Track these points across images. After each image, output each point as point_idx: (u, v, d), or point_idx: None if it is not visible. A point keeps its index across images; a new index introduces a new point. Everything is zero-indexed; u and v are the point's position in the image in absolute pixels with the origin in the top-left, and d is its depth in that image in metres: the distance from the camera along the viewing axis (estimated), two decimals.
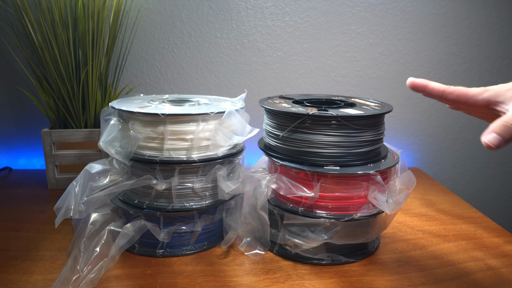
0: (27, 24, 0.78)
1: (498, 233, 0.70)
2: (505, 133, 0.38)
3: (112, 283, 0.53)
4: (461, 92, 0.44)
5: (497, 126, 0.38)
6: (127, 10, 0.92)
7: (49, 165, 0.84)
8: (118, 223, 0.60)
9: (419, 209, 0.81)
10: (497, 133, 0.38)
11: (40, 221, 0.70)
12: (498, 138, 0.38)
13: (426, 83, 0.46)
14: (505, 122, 0.38)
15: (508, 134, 0.38)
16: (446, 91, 0.45)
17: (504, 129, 0.38)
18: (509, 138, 0.38)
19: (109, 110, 0.65)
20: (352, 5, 0.97)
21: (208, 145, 0.59)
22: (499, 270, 0.58)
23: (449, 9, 1.00)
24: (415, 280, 0.55)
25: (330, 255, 0.59)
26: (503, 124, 0.38)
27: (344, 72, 1.02)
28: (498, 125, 0.38)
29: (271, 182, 0.59)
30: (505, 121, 0.38)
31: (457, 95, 0.44)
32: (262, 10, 0.96)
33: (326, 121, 0.55)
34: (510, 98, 0.40)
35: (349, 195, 0.56)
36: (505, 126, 0.38)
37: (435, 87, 0.45)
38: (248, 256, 0.60)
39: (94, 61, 0.81)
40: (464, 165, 1.13)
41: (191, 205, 0.59)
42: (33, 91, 0.93)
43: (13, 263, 0.57)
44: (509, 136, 0.38)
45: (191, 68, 0.99)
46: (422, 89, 0.47)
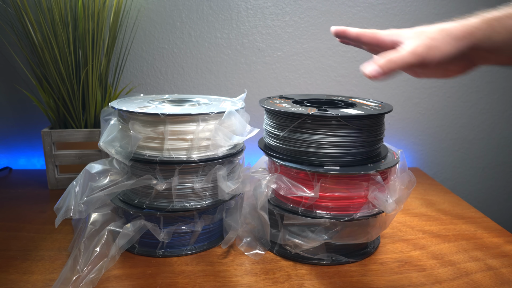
0: (27, 24, 0.78)
1: (498, 233, 0.70)
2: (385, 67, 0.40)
3: (112, 283, 0.53)
4: (373, 34, 0.46)
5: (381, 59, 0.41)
6: (127, 10, 0.92)
7: (49, 165, 0.84)
8: (118, 223, 0.60)
9: (419, 209, 0.81)
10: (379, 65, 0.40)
11: (40, 221, 0.70)
12: (378, 70, 0.40)
13: (344, 28, 0.49)
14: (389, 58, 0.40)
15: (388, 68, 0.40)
16: (361, 33, 0.47)
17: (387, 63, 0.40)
18: (388, 72, 0.40)
19: (109, 110, 0.65)
20: (352, 5, 0.97)
21: (208, 145, 0.59)
22: (499, 270, 0.58)
23: (449, 9, 0.99)
24: (415, 280, 0.55)
25: (330, 255, 0.59)
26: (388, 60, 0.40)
27: (344, 72, 1.02)
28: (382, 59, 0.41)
29: (271, 182, 0.59)
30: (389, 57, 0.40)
31: (369, 36, 0.46)
32: (262, 10, 0.96)
33: (326, 121, 0.55)
34: (408, 37, 0.42)
35: (349, 195, 0.56)
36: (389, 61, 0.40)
37: (352, 31, 0.48)
38: (248, 256, 0.60)
39: (94, 61, 0.81)
40: (464, 165, 1.13)
41: (191, 205, 0.59)
42: (33, 91, 0.93)
43: (13, 263, 0.57)
44: (388, 70, 0.40)
45: (191, 68, 0.99)
46: (342, 34, 0.49)
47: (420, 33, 0.42)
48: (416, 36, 0.41)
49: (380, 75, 0.40)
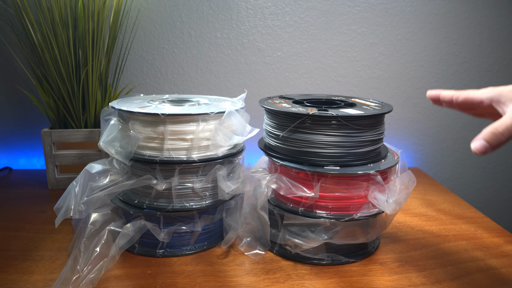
0: (27, 24, 0.78)
1: (498, 233, 0.70)
2: (492, 140, 0.39)
3: (112, 283, 0.53)
4: (467, 95, 0.45)
5: (487, 133, 0.39)
6: (127, 10, 0.92)
7: (49, 165, 0.84)
8: (118, 223, 0.60)
9: (419, 209, 0.81)
10: (486, 140, 0.39)
11: (40, 221, 0.70)
12: (485, 145, 0.39)
13: (439, 92, 0.48)
14: (494, 130, 0.39)
15: (495, 141, 0.38)
16: (455, 95, 0.46)
17: (492, 136, 0.39)
18: (496, 145, 0.39)
19: (109, 110, 0.65)
20: (352, 5, 0.97)
21: (208, 145, 0.59)
22: (499, 270, 0.58)
23: (449, 9, 1.00)
24: (415, 280, 0.55)
25: (330, 255, 0.59)
26: (491, 132, 0.39)
27: (344, 72, 1.02)
28: (487, 132, 0.39)
29: (271, 182, 0.59)
30: (494, 128, 0.39)
31: (464, 97, 0.45)
32: (262, 10, 0.96)
33: (326, 121, 0.55)
34: (510, 99, 0.40)
35: (349, 195, 0.56)
36: (493, 134, 0.39)
37: (446, 95, 0.47)
38: (248, 256, 0.60)
39: (94, 61, 0.81)
40: (464, 165, 1.13)
41: (191, 205, 0.59)
42: (33, 91, 0.93)
43: (13, 263, 0.57)
44: (496, 143, 0.38)
45: (191, 68, 0.99)
46: (437, 98, 0.48)
47: None
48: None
49: (489, 150, 0.39)
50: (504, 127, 0.38)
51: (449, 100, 0.47)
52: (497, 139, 0.38)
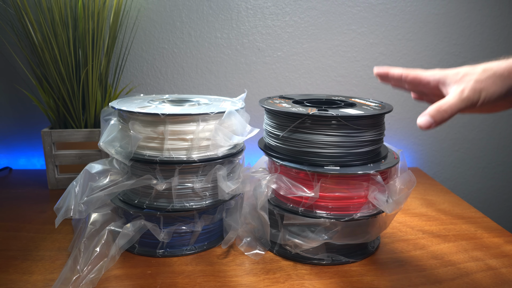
0: (27, 24, 0.78)
1: (498, 233, 0.70)
2: (436, 116, 0.41)
3: (112, 283, 0.53)
4: (416, 74, 0.46)
5: (432, 110, 0.42)
6: (127, 10, 0.92)
7: (49, 165, 0.84)
8: (118, 223, 0.60)
9: (419, 209, 0.81)
10: (431, 115, 0.41)
11: (40, 221, 0.70)
12: (430, 121, 0.41)
13: (387, 69, 0.49)
14: (439, 107, 0.41)
15: (439, 117, 0.41)
16: (404, 73, 0.47)
17: (437, 113, 0.41)
18: (440, 121, 0.41)
19: (109, 110, 0.65)
20: (352, 5, 0.97)
21: (208, 145, 0.59)
22: (499, 270, 0.58)
23: (449, 9, 1.00)
24: (415, 280, 0.55)
25: (330, 255, 0.59)
26: (436, 109, 0.41)
27: (344, 72, 1.02)
28: (432, 109, 0.42)
29: (271, 182, 0.59)
30: (439, 106, 0.41)
31: (412, 77, 0.47)
32: (262, 10, 0.96)
33: (326, 121, 0.55)
34: (454, 81, 0.43)
35: (349, 195, 0.56)
36: (438, 111, 0.41)
37: (395, 72, 0.48)
38: (248, 256, 0.60)
39: (94, 61, 0.81)
40: (464, 165, 1.13)
41: (191, 205, 0.59)
42: (33, 91, 0.93)
43: (13, 263, 0.57)
44: (439, 119, 0.41)
45: (191, 68, 0.99)
46: (385, 75, 0.49)
47: (466, 75, 0.42)
48: (462, 80, 0.42)
49: (433, 125, 0.41)
50: (448, 105, 0.41)
51: (398, 77, 0.48)
52: (441, 116, 0.41)
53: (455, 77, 0.43)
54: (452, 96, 0.41)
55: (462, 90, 0.41)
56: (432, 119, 0.41)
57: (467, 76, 0.42)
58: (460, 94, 0.41)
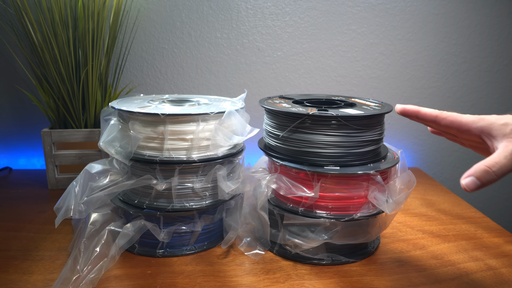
0: (27, 24, 0.78)
1: (498, 233, 0.70)
2: (484, 178, 0.37)
3: (112, 283, 0.53)
4: (455, 119, 0.42)
5: (478, 170, 0.38)
6: (127, 10, 0.92)
7: (49, 165, 0.84)
8: (118, 223, 0.60)
9: (419, 209, 0.81)
10: (477, 177, 0.37)
11: (40, 221, 0.70)
12: (476, 183, 0.37)
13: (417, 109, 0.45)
14: (487, 168, 0.37)
15: (486, 180, 0.37)
16: (439, 116, 0.43)
17: (484, 174, 0.37)
18: (487, 183, 0.37)
19: (109, 110, 0.65)
20: (352, 5, 0.97)
21: (208, 145, 0.59)
22: (499, 270, 0.58)
23: (449, 9, 1.00)
24: (415, 280, 0.55)
25: (330, 255, 0.59)
26: (484, 170, 0.37)
27: (344, 72, 1.02)
28: (479, 170, 0.38)
29: (271, 182, 0.59)
30: (487, 166, 0.37)
31: (450, 121, 0.42)
32: (262, 10, 0.96)
33: (326, 121, 0.55)
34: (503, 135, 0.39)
35: (349, 195, 0.56)
36: (486, 171, 0.37)
37: (428, 113, 0.44)
38: (248, 256, 0.60)
39: (94, 61, 0.81)
40: (464, 165, 1.13)
41: (191, 205, 0.59)
42: (33, 91, 0.93)
43: (13, 263, 0.57)
44: (487, 182, 0.37)
45: (191, 68, 0.99)
46: (414, 115, 0.45)
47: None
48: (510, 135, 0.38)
49: (479, 187, 0.38)
50: (498, 166, 0.37)
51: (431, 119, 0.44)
52: (490, 178, 0.37)
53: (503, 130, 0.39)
54: (503, 156, 0.37)
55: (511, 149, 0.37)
56: (479, 181, 0.37)
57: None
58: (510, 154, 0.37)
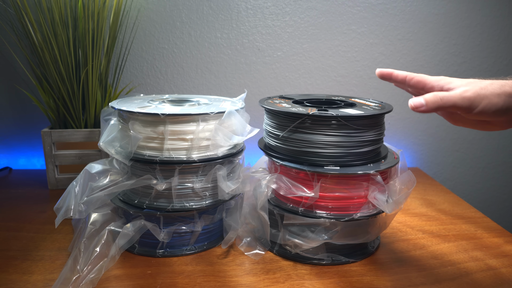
0: (27, 24, 0.78)
1: (498, 233, 0.70)
2: (430, 101, 0.41)
3: (112, 283, 0.53)
4: (421, 78, 0.47)
5: (429, 94, 0.42)
6: (127, 10, 0.92)
7: (49, 165, 0.84)
8: (118, 223, 0.60)
9: (419, 209, 0.81)
10: (425, 98, 0.42)
11: (40, 221, 0.70)
12: (421, 102, 0.42)
13: (391, 71, 0.50)
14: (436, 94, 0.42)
15: (432, 103, 0.41)
16: (408, 76, 0.48)
17: (432, 98, 0.41)
18: (432, 105, 0.41)
19: (109, 110, 0.65)
20: (352, 5, 0.97)
21: (208, 145, 0.59)
22: (499, 270, 0.58)
23: (449, 9, 1.00)
24: (415, 280, 0.55)
25: (330, 255, 0.59)
26: (434, 94, 0.42)
27: (344, 72, 1.02)
28: (429, 94, 0.42)
29: (271, 182, 0.59)
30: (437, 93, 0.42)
31: (417, 80, 0.47)
32: (262, 10, 0.96)
33: (326, 121, 0.55)
34: (460, 84, 0.43)
35: (349, 195, 0.56)
36: (435, 96, 0.41)
37: (399, 74, 0.49)
38: (248, 256, 0.60)
39: (94, 61, 0.81)
40: (464, 165, 1.13)
41: (191, 205, 0.59)
42: (33, 91, 0.93)
43: (13, 263, 0.57)
44: (432, 105, 0.41)
45: (191, 68, 0.99)
46: (388, 76, 0.50)
47: (472, 82, 0.43)
48: (468, 84, 0.43)
49: (423, 108, 0.41)
50: (446, 95, 0.41)
51: (402, 79, 0.49)
52: (434, 101, 0.41)
53: (461, 82, 0.43)
54: (454, 92, 0.42)
55: (465, 90, 0.41)
56: (425, 101, 0.41)
57: (474, 83, 0.43)
58: (463, 92, 0.41)
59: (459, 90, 0.42)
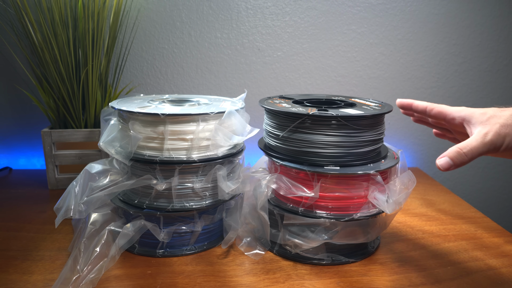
0: (27, 24, 0.78)
1: (498, 233, 0.70)
2: (456, 159, 0.41)
3: (112, 283, 0.53)
4: (442, 109, 0.47)
5: (451, 151, 0.42)
6: (127, 10, 0.92)
7: (49, 165, 0.84)
8: (118, 223, 0.60)
9: (419, 209, 0.81)
10: (450, 158, 0.41)
11: (40, 221, 0.70)
12: (449, 163, 0.41)
13: (411, 101, 0.51)
14: (459, 149, 0.41)
15: (459, 160, 0.41)
16: (428, 107, 0.48)
17: (456, 155, 0.41)
18: (459, 164, 0.41)
19: (109, 110, 0.65)
20: (352, 5, 0.97)
21: (208, 145, 0.59)
22: (499, 270, 0.58)
23: (449, 9, 1.00)
24: (415, 280, 0.55)
25: (330, 255, 0.59)
26: (456, 151, 0.41)
27: (344, 72, 1.02)
28: (452, 151, 0.42)
29: (271, 182, 0.59)
30: (459, 148, 0.41)
31: (438, 111, 0.48)
32: (262, 10, 0.96)
33: (326, 121, 0.55)
34: (479, 122, 0.42)
35: (349, 195, 0.56)
36: (458, 153, 0.41)
37: (419, 105, 0.50)
38: (248, 256, 0.60)
39: (94, 61, 0.81)
40: (464, 165, 1.12)
41: (191, 205, 0.59)
42: (33, 91, 0.93)
43: (13, 263, 0.57)
44: (459, 162, 0.41)
45: (191, 68, 0.99)
46: (409, 107, 0.51)
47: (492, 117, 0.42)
48: (488, 122, 0.41)
49: (452, 167, 0.41)
50: (469, 148, 0.41)
51: (422, 110, 0.49)
52: (461, 159, 0.41)
53: (481, 118, 0.42)
54: (475, 139, 0.41)
55: (485, 133, 0.40)
56: (452, 161, 0.41)
57: (494, 119, 0.41)
58: (483, 137, 0.40)
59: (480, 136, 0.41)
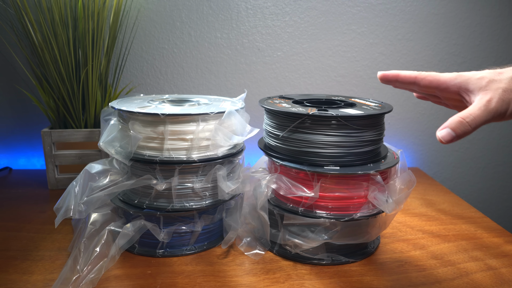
0: (27, 24, 0.78)
1: (498, 233, 0.70)
2: (458, 129, 0.37)
3: (112, 283, 0.53)
4: (433, 78, 0.42)
5: (453, 122, 0.38)
6: (127, 10, 0.92)
7: (49, 165, 0.84)
8: (118, 223, 0.60)
9: (419, 209, 0.81)
10: (452, 128, 0.38)
11: (40, 221, 0.70)
12: (451, 134, 0.38)
13: (397, 72, 0.45)
14: (461, 119, 0.37)
15: (461, 131, 0.37)
16: (419, 77, 0.43)
17: (459, 125, 0.37)
18: (462, 135, 0.38)
19: (109, 110, 0.65)
20: (352, 5, 0.97)
21: (208, 145, 0.59)
22: (499, 270, 0.58)
23: (449, 9, 1.00)
24: (415, 280, 0.55)
25: (330, 255, 0.59)
26: (459, 121, 0.37)
27: (344, 72, 1.02)
28: (454, 121, 0.38)
29: (271, 182, 0.59)
30: (461, 117, 0.38)
31: (429, 80, 0.42)
32: (262, 10, 0.96)
33: (326, 121, 0.55)
34: (479, 88, 0.39)
35: (349, 195, 0.56)
36: (461, 122, 0.37)
37: (407, 75, 0.44)
38: (248, 256, 0.60)
39: (94, 61, 0.81)
40: (464, 165, 1.13)
41: (191, 205, 0.59)
42: (33, 91, 0.93)
43: (13, 263, 0.57)
44: (462, 133, 0.37)
45: (191, 68, 0.99)
46: (394, 79, 0.45)
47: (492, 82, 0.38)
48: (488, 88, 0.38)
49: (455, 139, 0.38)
50: (472, 117, 0.37)
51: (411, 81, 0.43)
52: (464, 129, 0.37)
53: (479, 83, 0.39)
54: (477, 107, 0.37)
55: (488, 99, 0.37)
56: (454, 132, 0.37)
57: (494, 84, 0.38)
58: (487, 105, 0.37)
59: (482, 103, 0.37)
